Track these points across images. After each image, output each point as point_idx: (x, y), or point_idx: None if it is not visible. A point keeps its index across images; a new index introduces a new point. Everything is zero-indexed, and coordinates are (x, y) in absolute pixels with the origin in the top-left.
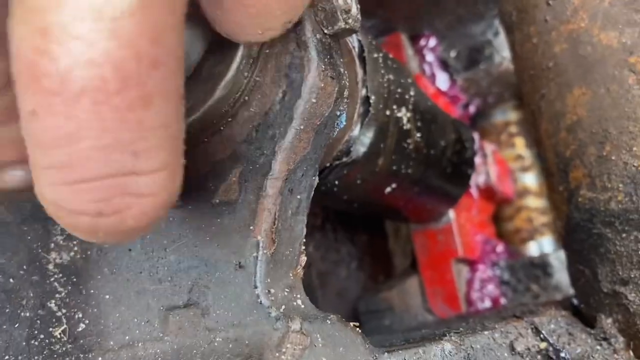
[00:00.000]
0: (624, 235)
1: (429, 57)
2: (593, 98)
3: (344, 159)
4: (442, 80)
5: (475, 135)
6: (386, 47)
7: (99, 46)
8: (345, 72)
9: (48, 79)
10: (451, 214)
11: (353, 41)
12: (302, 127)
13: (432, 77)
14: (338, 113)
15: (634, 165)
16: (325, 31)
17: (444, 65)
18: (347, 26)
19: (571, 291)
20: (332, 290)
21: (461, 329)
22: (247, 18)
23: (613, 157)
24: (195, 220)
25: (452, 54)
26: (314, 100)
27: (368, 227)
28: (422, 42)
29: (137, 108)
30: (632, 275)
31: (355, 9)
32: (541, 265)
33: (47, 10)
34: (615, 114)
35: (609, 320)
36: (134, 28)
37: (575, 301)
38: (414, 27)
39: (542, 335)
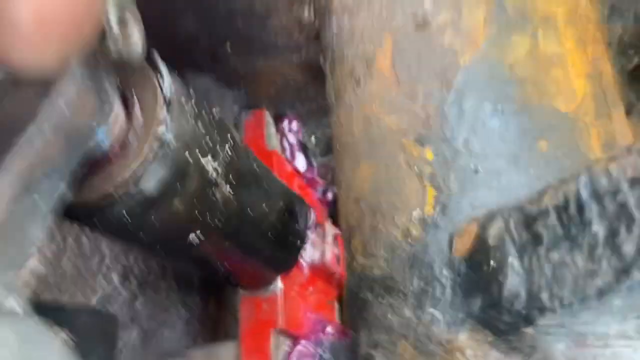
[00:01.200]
0: (380, 299)
1: (290, 138)
2: (374, 174)
3: (130, 189)
4: (301, 162)
5: (313, 213)
6: (249, 120)
7: None
8: (110, 88)
9: None
10: (280, 284)
11: (163, 82)
12: (44, 126)
13: (292, 157)
14: (95, 125)
15: (393, 234)
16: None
17: (304, 148)
18: (115, 50)
19: None
20: (154, 351)
21: None
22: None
23: (380, 226)
24: None
25: (312, 139)
26: (61, 105)
27: (207, 290)
28: (285, 123)
29: None
30: (381, 339)
31: (136, 39)
32: None
33: None
34: (388, 188)
35: None
36: None
37: None
38: (277, 108)
39: None
